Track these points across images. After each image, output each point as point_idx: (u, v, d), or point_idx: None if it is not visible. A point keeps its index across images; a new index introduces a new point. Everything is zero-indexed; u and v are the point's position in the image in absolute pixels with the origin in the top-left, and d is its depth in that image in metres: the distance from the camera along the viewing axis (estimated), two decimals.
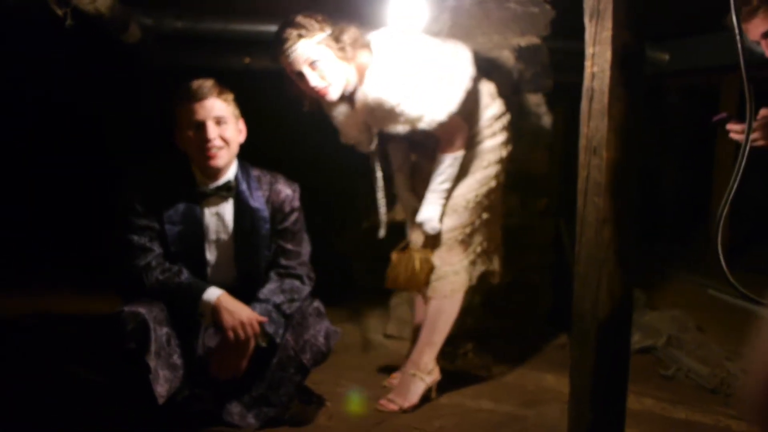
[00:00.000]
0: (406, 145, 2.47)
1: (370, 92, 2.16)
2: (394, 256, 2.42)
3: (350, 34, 2.14)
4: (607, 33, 1.57)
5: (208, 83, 1.96)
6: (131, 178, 2.04)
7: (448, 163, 2.28)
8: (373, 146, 2.36)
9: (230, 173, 2.05)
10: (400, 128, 2.20)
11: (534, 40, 2.94)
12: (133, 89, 4.15)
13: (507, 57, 2.88)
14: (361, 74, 2.19)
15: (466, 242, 2.37)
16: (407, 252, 2.39)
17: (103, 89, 4.17)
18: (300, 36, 2.07)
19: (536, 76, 2.96)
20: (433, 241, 2.36)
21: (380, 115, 2.19)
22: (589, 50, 1.66)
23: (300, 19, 2.10)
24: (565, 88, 3.07)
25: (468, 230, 2.36)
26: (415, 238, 2.41)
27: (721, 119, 2.15)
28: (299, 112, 2.37)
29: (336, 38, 2.11)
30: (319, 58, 2.10)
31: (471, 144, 2.33)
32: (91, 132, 4.33)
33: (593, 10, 1.61)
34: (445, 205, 2.34)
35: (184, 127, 1.97)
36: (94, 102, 4.23)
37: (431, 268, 2.36)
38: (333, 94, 2.18)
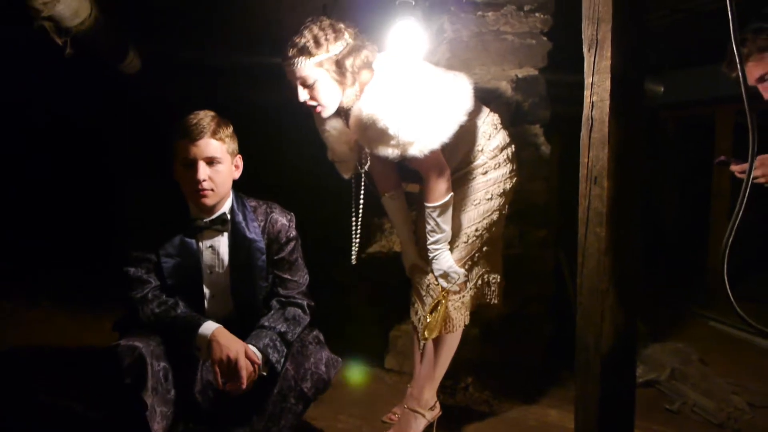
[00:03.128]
0: (403, 197, 2.42)
1: (365, 109, 2.09)
2: (429, 315, 2.30)
3: (359, 57, 2.07)
4: (606, 62, 1.57)
5: (204, 120, 1.92)
6: (129, 210, 2.03)
7: (436, 214, 2.21)
8: (366, 167, 2.28)
9: (225, 206, 2.03)
10: (390, 152, 2.10)
11: (531, 71, 2.97)
12: (134, 114, 4.18)
13: (505, 87, 2.90)
14: (360, 91, 2.13)
15: (465, 276, 2.32)
16: (437, 300, 2.29)
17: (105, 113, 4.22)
18: (299, 54, 2.02)
19: (534, 107, 2.98)
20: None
21: (373, 134, 2.10)
22: (588, 80, 1.66)
23: (311, 31, 2.02)
24: (559, 118, 3.09)
25: (468, 264, 2.32)
26: (432, 284, 2.32)
27: (722, 161, 2.20)
28: (298, 141, 2.35)
29: (338, 62, 2.05)
30: (313, 79, 2.05)
31: (474, 175, 2.28)
32: (90, 160, 4.36)
33: (592, 40, 1.61)
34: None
35: (177, 162, 1.95)
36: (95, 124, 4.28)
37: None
38: (323, 113, 2.14)
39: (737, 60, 1.40)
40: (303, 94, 2.08)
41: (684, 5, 3.39)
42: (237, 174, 2.03)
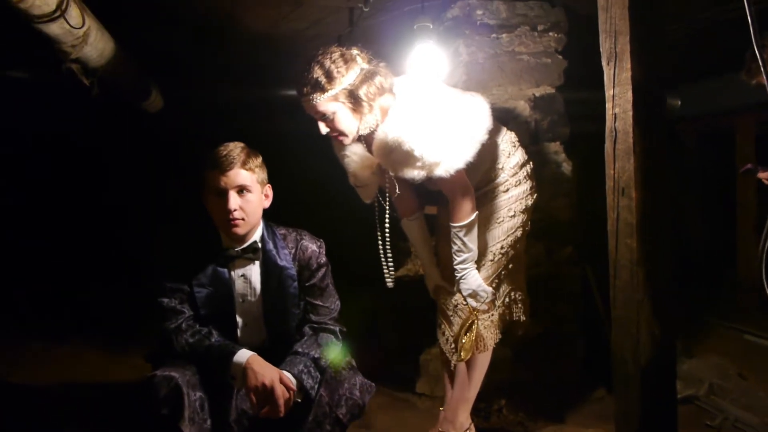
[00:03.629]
0: (423, 219, 2.43)
1: (390, 132, 2.10)
2: (465, 336, 2.29)
3: (373, 85, 2.08)
4: (626, 74, 1.58)
5: (234, 152, 1.95)
6: (160, 241, 2.05)
7: (463, 234, 2.21)
8: (397, 192, 2.26)
9: (256, 235, 2.05)
10: (416, 173, 2.10)
11: (548, 89, 2.99)
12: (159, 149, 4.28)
13: (523, 107, 2.92)
14: (382, 115, 2.14)
15: (493, 295, 2.31)
16: (470, 320, 2.29)
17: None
18: (313, 90, 2.04)
19: (553, 125, 2.99)
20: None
21: (398, 157, 2.11)
22: (608, 92, 1.67)
23: (322, 66, 2.03)
24: (573, 135, 3.09)
25: (495, 283, 2.31)
26: (461, 303, 2.32)
27: (748, 170, 2.19)
28: (324, 168, 2.37)
29: (351, 93, 2.06)
30: (331, 112, 2.07)
31: (496, 193, 2.30)
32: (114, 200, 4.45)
33: (611, 53, 1.63)
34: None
35: (208, 192, 1.98)
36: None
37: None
38: (345, 142, 2.17)
39: (762, 65, 1.40)
40: (323, 128, 2.12)
41: (698, 16, 3.40)
42: (267, 203, 2.05)
